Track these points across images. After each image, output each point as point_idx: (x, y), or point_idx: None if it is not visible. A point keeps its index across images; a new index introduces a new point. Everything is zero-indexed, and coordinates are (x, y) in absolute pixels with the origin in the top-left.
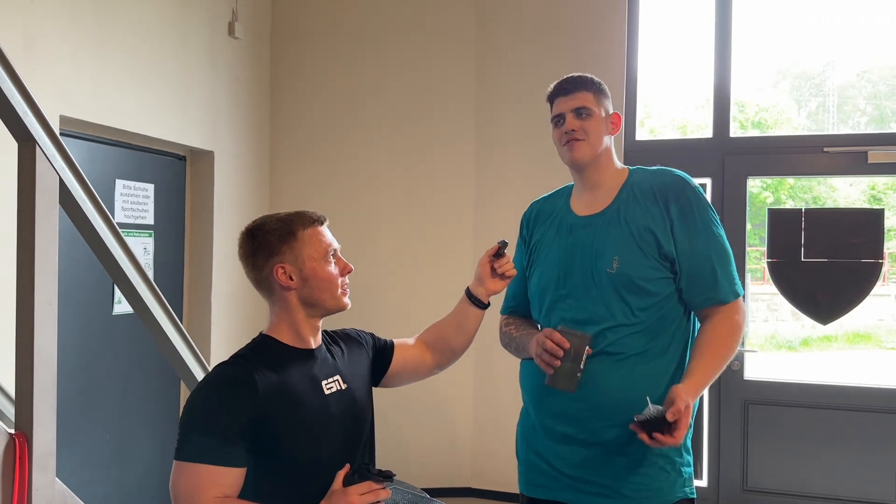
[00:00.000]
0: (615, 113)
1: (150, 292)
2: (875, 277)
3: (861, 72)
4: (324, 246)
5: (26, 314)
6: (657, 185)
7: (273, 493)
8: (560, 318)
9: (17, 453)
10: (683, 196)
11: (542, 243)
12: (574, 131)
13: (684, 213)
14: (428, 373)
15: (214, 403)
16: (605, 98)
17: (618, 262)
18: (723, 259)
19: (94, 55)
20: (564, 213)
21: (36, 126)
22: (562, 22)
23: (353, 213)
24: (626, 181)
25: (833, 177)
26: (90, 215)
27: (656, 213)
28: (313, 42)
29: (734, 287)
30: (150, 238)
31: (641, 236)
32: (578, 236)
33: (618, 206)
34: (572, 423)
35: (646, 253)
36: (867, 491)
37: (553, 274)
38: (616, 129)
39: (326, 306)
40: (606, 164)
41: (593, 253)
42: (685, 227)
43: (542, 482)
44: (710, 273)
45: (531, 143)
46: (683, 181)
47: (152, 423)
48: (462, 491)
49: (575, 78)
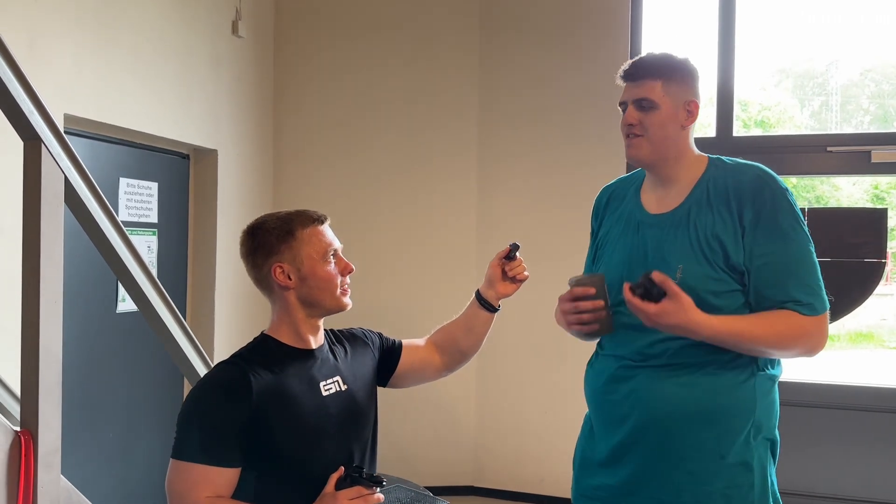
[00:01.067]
0: (692, 101)
1: (154, 290)
2: (878, 277)
3: (864, 71)
4: (323, 246)
5: (32, 312)
6: (732, 185)
7: (271, 493)
8: (620, 324)
9: (22, 451)
10: (760, 198)
11: (609, 238)
12: (632, 126)
13: (759, 218)
14: (436, 374)
15: (210, 403)
16: (680, 84)
17: (681, 272)
18: (801, 270)
19: (97, 54)
20: (634, 206)
21: (41, 125)
22: (565, 22)
23: (356, 212)
24: (703, 177)
25: (836, 176)
26: (95, 214)
27: (727, 218)
28: (317, 40)
29: (815, 300)
30: (154, 236)
31: (709, 244)
32: (645, 237)
33: (689, 206)
34: (628, 427)
35: (712, 263)
36: (873, 491)
37: (616, 275)
38: (692, 119)
39: (325, 306)
40: (678, 159)
41: (658, 258)
42: (760, 235)
43: (597, 495)
44: (783, 284)
45: (534, 143)
46: (762, 181)
47: (156, 420)
48: (465, 489)
49: (644, 61)
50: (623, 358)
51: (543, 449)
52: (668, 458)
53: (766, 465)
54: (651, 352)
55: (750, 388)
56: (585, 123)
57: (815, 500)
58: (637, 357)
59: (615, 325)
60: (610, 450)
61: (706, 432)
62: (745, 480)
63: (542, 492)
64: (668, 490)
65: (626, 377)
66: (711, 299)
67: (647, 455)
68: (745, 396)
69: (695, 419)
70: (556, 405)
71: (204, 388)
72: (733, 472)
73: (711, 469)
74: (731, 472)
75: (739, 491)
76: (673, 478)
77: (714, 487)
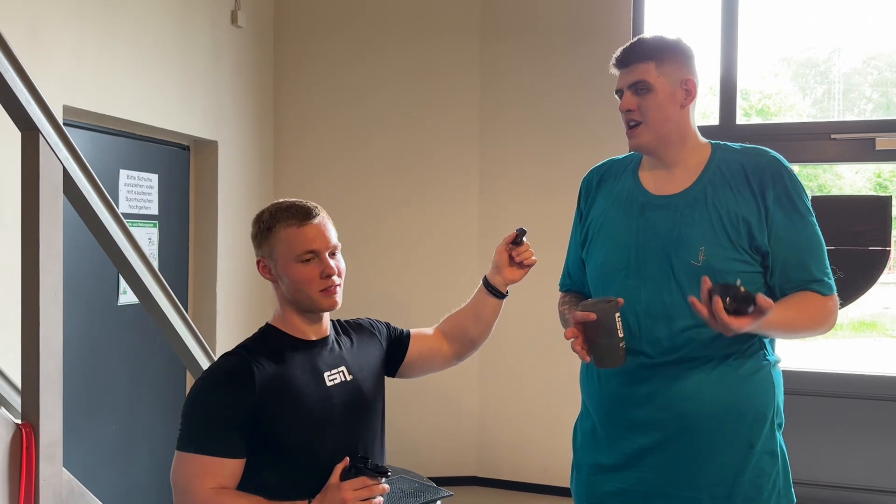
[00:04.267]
0: (689, 79)
1: (155, 282)
2: (882, 265)
3: (867, 58)
4: (298, 247)
5: (31, 305)
6: (751, 166)
7: (275, 484)
8: (632, 311)
9: (24, 444)
10: (780, 180)
11: (606, 220)
12: (630, 111)
13: (781, 199)
14: (446, 363)
15: (213, 395)
16: (674, 64)
17: (704, 254)
18: (817, 251)
19: (97, 45)
20: (633, 187)
21: (39, 115)
22: (567, 12)
23: (357, 202)
24: (712, 157)
25: (839, 164)
26: (94, 205)
27: (750, 198)
28: (316, 30)
29: (829, 281)
30: (155, 228)
31: (733, 225)
32: (653, 219)
33: (703, 186)
34: (651, 433)
35: (735, 244)
36: (876, 479)
37: (620, 260)
38: (691, 98)
39: (304, 306)
40: (681, 141)
41: (673, 240)
42: (782, 215)
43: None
44: (806, 265)
45: (535, 133)
46: (780, 163)
47: (158, 412)
48: (468, 480)
49: (634, 46)
50: (640, 353)
51: (546, 439)
52: (698, 455)
53: (786, 452)
54: (672, 343)
55: (767, 374)
56: (588, 110)
57: (819, 489)
58: (656, 351)
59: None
60: (628, 455)
61: (738, 424)
62: (772, 468)
63: (546, 482)
64: (697, 486)
65: (644, 378)
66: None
67: (675, 455)
68: (766, 384)
69: (727, 413)
70: (559, 395)
71: (207, 380)
72: (762, 461)
73: (741, 460)
74: (760, 461)
75: (768, 479)
76: (702, 473)
77: (745, 478)
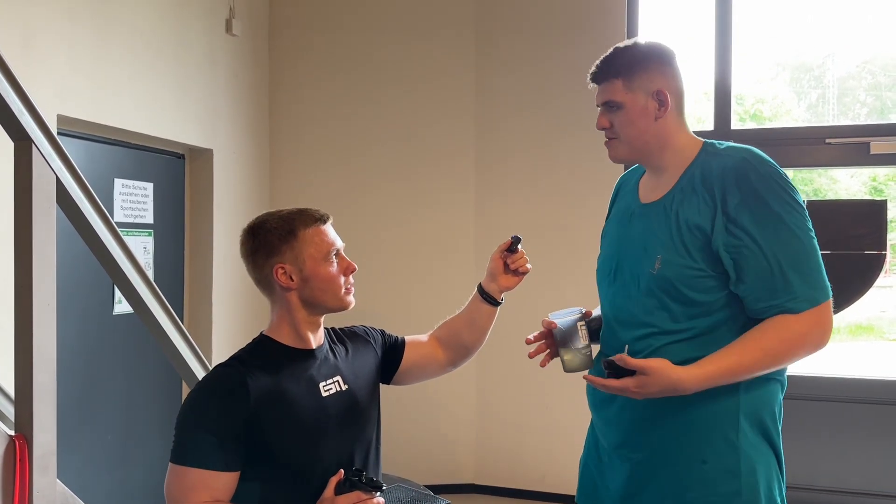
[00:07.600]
0: (660, 89)
1: (150, 292)
2: (878, 269)
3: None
4: (325, 246)
5: (25, 315)
6: (718, 169)
7: (270, 497)
8: (610, 318)
9: (17, 455)
10: (746, 182)
11: (608, 229)
12: (605, 129)
13: (748, 203)
14: (441, 370)
15: (207, 407)
16: (643, 76)
17: (660, 263)
18: (796, 258)
19: (92, 53)
20: (632, 196)
21: (32, 125)
22: (561, 16)
23: (354, 209)
24: (692, 163)
25: (834, 168)
26: (88, 215)
27: (709, 203)
28: (311, 38)
29: (811, 292)
30: (150, 237)
31: (690, 232)
32: (633, 227)
33: (673, 195)
34: (619, 434)
35: (691, 254)
36: (874, 483)
37: (607, 267)
38: (665, 109)
39: (328, 306)
40: (662, 149)
41: (641, 249)
42: (751, 221)
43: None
44: (777, 276)
45: (531, 139)
46: (748, 163)
47: (154, 423)
48: (465, 487)
49: (601, 64)
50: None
51: (544, 446)
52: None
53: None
54: (632, 350)
55: (729, 388)
56: (584, 118)
57: (816, 493)
58: None
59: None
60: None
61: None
62: (729, 487)
63: (544, 489)
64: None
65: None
66: (688, 292)
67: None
68: (723, 397)
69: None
70: (556, 402)
71: (201, 392)
72: (716, 479)
73: (691, 476)
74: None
75: (721, 499)
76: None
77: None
